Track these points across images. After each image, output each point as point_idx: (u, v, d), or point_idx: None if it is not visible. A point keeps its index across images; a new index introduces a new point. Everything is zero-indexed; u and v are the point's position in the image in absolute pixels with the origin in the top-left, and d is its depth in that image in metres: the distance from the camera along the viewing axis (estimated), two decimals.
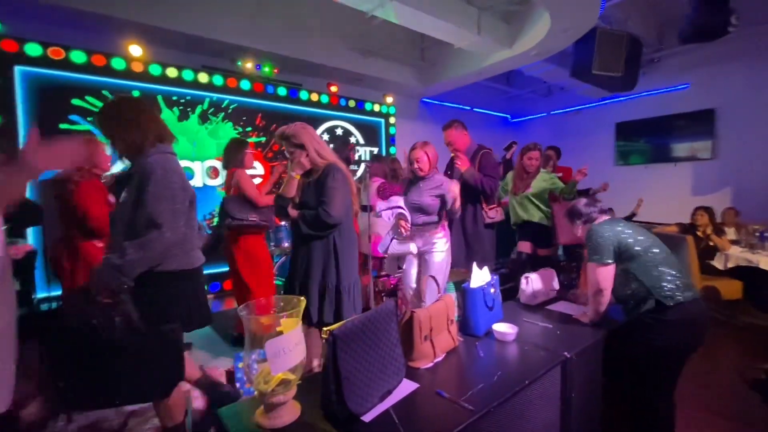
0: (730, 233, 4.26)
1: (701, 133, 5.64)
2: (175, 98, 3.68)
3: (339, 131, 5.03)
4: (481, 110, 7.28)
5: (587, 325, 1.75)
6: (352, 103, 5.07)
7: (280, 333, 1.00)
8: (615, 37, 4.11)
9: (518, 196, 3.16)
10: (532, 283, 2.06)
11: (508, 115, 7.93)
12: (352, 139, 5.18)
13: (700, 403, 2.19)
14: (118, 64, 3.33)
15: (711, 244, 3.86)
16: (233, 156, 2.62)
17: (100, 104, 3.30)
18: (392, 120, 5.58)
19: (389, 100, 5.50)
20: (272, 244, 3.26)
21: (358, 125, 5.20)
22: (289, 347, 1.01)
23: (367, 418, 1.06)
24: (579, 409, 1.46)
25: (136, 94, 3.46)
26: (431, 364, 1.37)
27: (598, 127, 6.75)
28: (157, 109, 3.58)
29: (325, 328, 1.09)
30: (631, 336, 1.65)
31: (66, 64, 3.13)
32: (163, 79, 3.59)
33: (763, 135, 5.12)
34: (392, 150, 5.51)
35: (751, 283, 3.56)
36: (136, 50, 3.41)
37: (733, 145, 5.40)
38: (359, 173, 4.84)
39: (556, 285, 2.17)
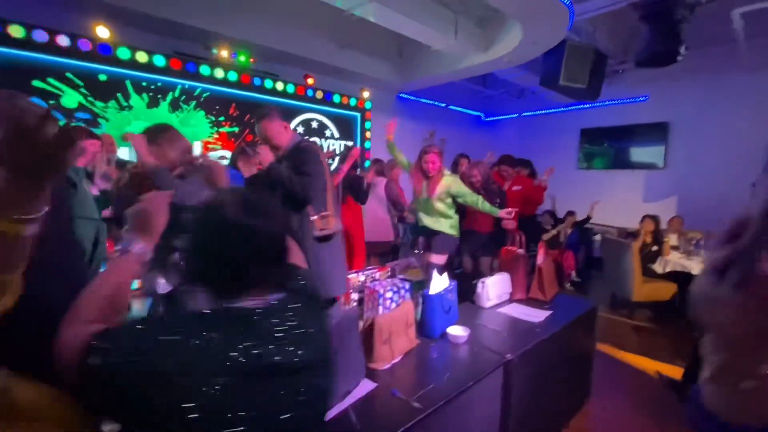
0: (673, 240, 4.66)
1: (656, 144, 6.05)
2: (144, 84, 3.58)
3: (314, 124, 5.05)
4: (456, 108, 7.44)
5: (533, 328, 1.94)
6: (328, 96, 5.08)
7: None
8: (582, 50, 4.33)
9: (421, 200, 2.95)
10: (487, 287, 2.24)
11: (482, 114, 8.14)
12: (327, 132, 5.21)
13: (623, 402, 2.46)
14: (83, 45, 3.21)
15: (654, 249, 4.23)
16: None
17: (63, 87, 3.19)
18: (368, 114, 5.64)
19: (366, 94, 5.54)
20: None
21: (333, 118, 5.23)
22: None
23: (327, 416, 1.19)
24: (518, 406, 1.65)
25: (102, 78, 3.35)
26: (389, 366, 1.51)
27: (564, 132, 7.08)
28: (125, 94, 3.49)
29: None
30: None
31: (26, 43, 2.99)
32: (132, 64, 3.48)
33: (709, 149, 5.56)
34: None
35: (684, 287, 3.95)
36: (103, 32, 3.28)
37: (683, 156, 5.84)
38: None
39: (508, 288, 2.37)
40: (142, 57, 3.52)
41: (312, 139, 4.98)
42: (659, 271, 4.08)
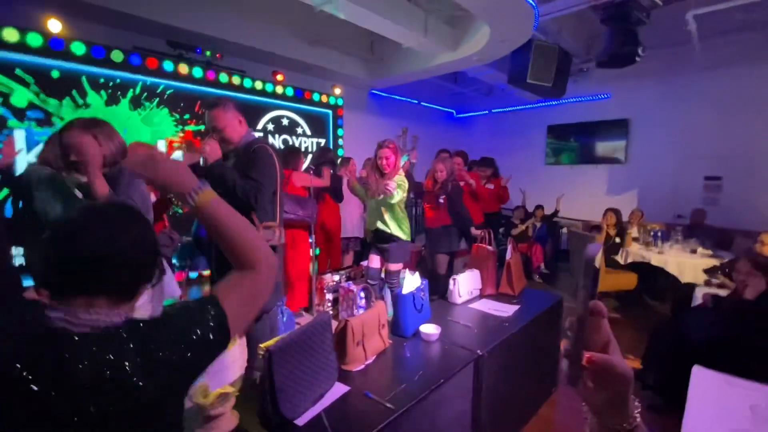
0: (634, 232, 4.90)
1: (617, 140, 6.33)
2: (102, 81, 3.41)
3: (285, 121, 4.96)
4: (428, 104, 7.50)
5: (502, 322, 2.00)
6: (298, 92, 5.00)
7: None
8: (548, 50, 4.46)
9: (374, 201, 2.80)
10: (458, 283, 2.29)
11: (454, 111, 8.24)
12: (298, 130, 5.13)
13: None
14: (34, 40, 3.01)
15: (617, 241, 4.43)
16: (291, 160, 3.33)
17: (12, 84, 2.98)
18: (340, 111, 5.59)
19: (338, 90, 5.48)
20: None
21: (304, 115, 5.15)
22: (228, 363, 1.10)
23: (300, 421, 1.19)
24: (489, 399, 1.71)
25: (55, 74, 3.16)
26: (362, 366, 1.52)
27: (532, 128, 7.28)
28: (81, 91, 3.31)
29: (261, 345, 1.18)
30: None
31: None
32: (88, 59, 3.30)
33: (666, 144, 5.87)
34: (340, 152, 5.52)
35: (644, 275, 4.17)
36: (55, 25, 3.09)
37: (642, 152, 6.13)
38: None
39: (479, 284, 2.43)
40: (98, 52, 3.34)
41: (283, 137, 4.94)
42: (621, 262, 4.29)
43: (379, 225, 2.82)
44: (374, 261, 2.88)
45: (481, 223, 3.82)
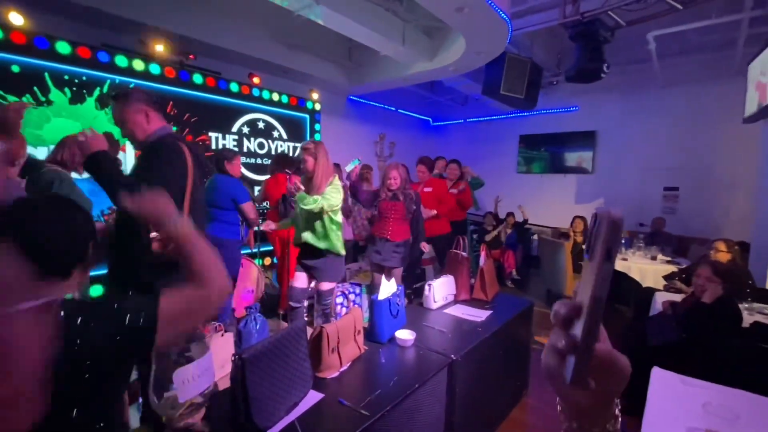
0: None
1: (585, 150, 6.61)
2: (67, 77, 3.26)
3: (261, 124, 4.89)
4: (405, 112, 7.59)
5: (475, 327, 2.04)
6: (275, 96, 4.95)
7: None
8: (520, 63, 4.62)
9: (301, 208, 2.44)
10: (433, 289, 2.32)
11: (430, 119, 8.37)
12: (275, 134, 5.07)
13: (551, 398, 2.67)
14: None
15: (583, 247, 4.61)
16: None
17: None
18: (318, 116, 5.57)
19: (315, 95, 5.47)
20: None
21: (281, 119, 5.10)
22: (197, 374, 1.07)
23: (273, 431, 1.17)
24: (463, 403, 1.73)
25: (15, 69, 3.00)
26: (337, 374, 1.52)
27: (504, 138, 7.50)
28: (43, 88, 3.16)
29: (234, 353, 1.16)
30: None
31: None
32: (52, 55, 3.16)
33: (630, 156, 6.18)
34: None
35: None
36: (16, 19, 2.94)
37: (608, 162, 6.43)
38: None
39: (453, 290, 2.47)
40: (63, 48, 3.20)
41: (258, 141, 4.86)
42: None
43: (308, 238, 2.47)
44: (299, 279, 2.50)
45: (448, 233, 3.88)
